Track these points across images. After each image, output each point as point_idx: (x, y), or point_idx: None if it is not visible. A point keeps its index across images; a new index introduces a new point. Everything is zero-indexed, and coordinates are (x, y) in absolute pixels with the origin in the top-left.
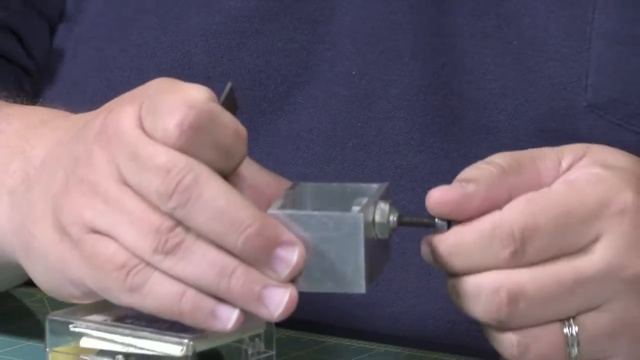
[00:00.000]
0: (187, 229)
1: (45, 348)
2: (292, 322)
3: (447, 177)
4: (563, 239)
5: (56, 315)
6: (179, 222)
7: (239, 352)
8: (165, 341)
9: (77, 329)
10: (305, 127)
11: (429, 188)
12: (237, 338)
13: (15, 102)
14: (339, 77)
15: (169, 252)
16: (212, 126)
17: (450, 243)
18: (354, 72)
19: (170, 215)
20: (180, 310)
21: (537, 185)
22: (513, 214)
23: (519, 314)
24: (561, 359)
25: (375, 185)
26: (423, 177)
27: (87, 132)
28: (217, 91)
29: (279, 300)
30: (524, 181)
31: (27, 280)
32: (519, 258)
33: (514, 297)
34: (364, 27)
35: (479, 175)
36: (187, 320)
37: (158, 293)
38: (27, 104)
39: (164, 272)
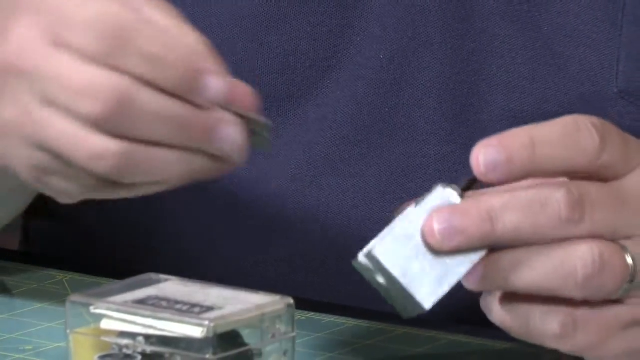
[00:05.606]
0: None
1: (66, 330)
2: (312, 304)
3: None
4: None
5: (76, 297)
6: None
7: (260, 333)
8: (186, 323)
9: (97, 311)
10: (331, 110)
11: (456, 179)
12: (258, 320)
13: None
14: (367, 62)
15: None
16: None
17: (527, 141)
18: (382, 57)
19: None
20: None
21: None
22: (584, 117)
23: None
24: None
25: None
26: (451, 167)
27: None
28: (245, 76)
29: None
30: None
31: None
32: (604, 148)
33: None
34: (392, 12)
35: None
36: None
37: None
38: None
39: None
